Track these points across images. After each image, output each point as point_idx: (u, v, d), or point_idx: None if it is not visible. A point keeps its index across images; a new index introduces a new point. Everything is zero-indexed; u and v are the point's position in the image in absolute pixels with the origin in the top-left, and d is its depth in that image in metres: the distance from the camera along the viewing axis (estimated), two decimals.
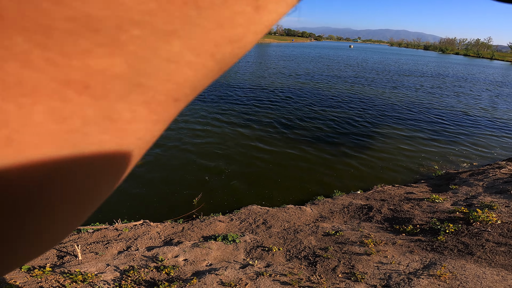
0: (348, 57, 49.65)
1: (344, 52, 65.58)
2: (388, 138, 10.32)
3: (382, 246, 3.92)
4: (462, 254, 3.60)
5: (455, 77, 29.81)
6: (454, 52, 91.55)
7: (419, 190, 6.50)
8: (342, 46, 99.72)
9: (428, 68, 38.96)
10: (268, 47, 64.47)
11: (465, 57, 71.82)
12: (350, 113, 13.35)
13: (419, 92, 19.83)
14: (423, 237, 4.18)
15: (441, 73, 33.29)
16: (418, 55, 70.01)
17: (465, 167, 8.25)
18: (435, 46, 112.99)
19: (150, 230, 4.83)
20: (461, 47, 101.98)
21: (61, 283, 3.13)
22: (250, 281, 3.23)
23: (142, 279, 3.29)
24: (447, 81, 26.17)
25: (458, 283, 2.98)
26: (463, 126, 12.23)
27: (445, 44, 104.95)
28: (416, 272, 3.24)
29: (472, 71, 38.25)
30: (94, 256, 3.92)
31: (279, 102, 14.85)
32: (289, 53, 51.14)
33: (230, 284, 3.15)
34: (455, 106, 16.08)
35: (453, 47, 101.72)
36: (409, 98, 17.41)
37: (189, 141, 9.42)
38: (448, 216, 4.80)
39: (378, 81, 23.46)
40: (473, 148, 9.72)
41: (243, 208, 5.85)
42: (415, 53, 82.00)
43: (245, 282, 3.20)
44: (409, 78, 26.84)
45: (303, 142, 9.64)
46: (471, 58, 68.97)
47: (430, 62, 50.10)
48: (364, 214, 5.35)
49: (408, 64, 41.85)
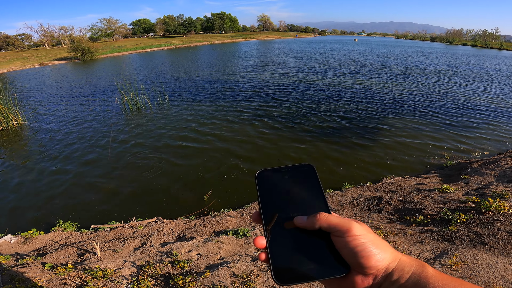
0: (354, 51, 49.12)
1: (350, 46, 64.85)
2: (397, 130, 10.24)
3: (393, 236, 3.94)
4: (474, 243, 3.59)
5: (465, 67, 29.22)
6: (462, 43, 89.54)
7: (430, 181, 6.46)
8: (346, 40, 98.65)
9: (436, 59, 38.25)
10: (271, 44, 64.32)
11: (473, 48, 70.08)
12: (358, 105, 13.28)
13: (427, 82, 19.53)
14: (434, 227, 4.17)
15: (450, 63, 32.65)
16: (424, 47, 68.74)
17: (477, 157, 8.14)
18: (441, 37, 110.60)
19: (164, 226, 4.96)
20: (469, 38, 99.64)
21: (83, 279, 3.26)
22: (261, 272, 3.30)
23: (158, 274, 3.40)
24: (457, 71, 25.65)
25: (470, 272, 2.98)
26: (474, 116, 12.03)
27: (452, 35, 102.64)
28: (427, 261, 3.25)
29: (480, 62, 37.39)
30: (112, 253, 4.06)
31: (286, 97, 14.87)
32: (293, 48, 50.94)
33: (242, 275, 3.24)
34: (466, 96, 15.79)
35: (460, 38, 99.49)
36: (418, 89, 17.18)
37: (198, 138, 9.57)
38: (459, 206, 4.77)
39: (386, 73, 23.19)
40: (484, 138, 9.57)
41: (253, 203, 5.94)
42: (421, 44, 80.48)
43: (256, 273, 3.28)
44: (417, 69, 26.45)
45: (311, 136, 9.67)
46: (479, 49, 67.27)
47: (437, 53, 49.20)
48: (374, 205, 5.36)
49: (415, 57, 41.17)
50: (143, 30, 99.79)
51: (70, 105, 15.23)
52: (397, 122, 11.17)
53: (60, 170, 7.93)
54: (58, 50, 57.79)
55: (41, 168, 8.04)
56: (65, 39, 71.80)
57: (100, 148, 9.26)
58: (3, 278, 3.28)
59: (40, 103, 16.10)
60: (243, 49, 54.30)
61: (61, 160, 8.51)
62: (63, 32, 74.68)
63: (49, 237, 4.89)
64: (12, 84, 23.65)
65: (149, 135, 10.24)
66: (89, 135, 10.45)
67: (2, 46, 65.89)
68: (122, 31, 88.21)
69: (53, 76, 27.16)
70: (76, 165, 8.16)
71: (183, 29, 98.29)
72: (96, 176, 7.50)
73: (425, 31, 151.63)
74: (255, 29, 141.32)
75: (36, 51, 58.70)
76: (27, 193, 6.86)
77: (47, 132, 11.00)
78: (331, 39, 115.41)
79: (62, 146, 9.57)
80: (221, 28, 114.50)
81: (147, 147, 9.21)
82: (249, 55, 41.48)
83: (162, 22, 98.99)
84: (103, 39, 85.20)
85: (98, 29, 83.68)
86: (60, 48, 63.92)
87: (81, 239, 4.75)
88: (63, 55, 47.37)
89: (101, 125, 11.57)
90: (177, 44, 67.80)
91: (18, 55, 51.49)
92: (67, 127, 11.47)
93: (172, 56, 44.16)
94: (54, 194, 6.74)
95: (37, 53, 52.73)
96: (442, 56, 43.03)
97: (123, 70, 28.29)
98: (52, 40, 73.55)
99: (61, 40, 73.09)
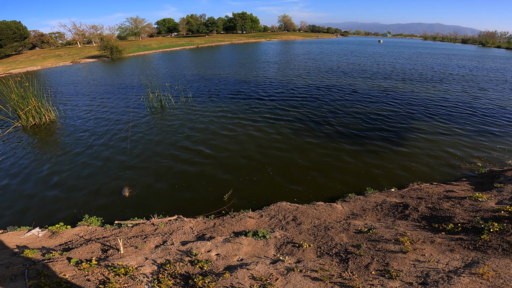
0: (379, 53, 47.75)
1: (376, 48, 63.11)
2: (425, 134, 9.81)
3: (419, 244, 3.76)
4: (507, 253, 3.36)
5: (499, 70, 27.64)
6: (496, 46, 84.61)
7: (460, 189, 6.12)
8: (370, 41, 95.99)
9: (468, 61, 36.46)
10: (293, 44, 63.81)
11: (508, 50, 66.13)
12: (385, 108, 12.87)
13: (459, 86, 18.62)
14: (465, 236, 3.94)
15: (484, 66, 30.99)
16: (455, 49, 65.66)
17: (510, 165, 7.63)
18: (474, 39, 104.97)
19: (184, 225, 5.01)
20: (503, 40, 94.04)
21: (106, 276, 3.33)
22: (280, 276, 3.24)
23: (177, 273, 3.42)
24: (491, 75, 24.31)
25: (501, 281, 2.79)
26: (508, 122, 11.31)
27: (485, 37, 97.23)
28: (456, 270, 3.07)
29: None
30: (134, 250, 4.14)
31: (308, 99, 14.69)
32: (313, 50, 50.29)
33: (261, 278, 3.19)
34: (500, 101, 14.90)
35: (494, 40, 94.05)
36: (448, 93, 16.42)
37: (221, 138, 9.63)
38: (492, 215, 4.48)
39: (415, 75, 22.34)
40: None
41: (273, 204, 5.88)
42: (452, 46, 76.88)
43: (276, 277, 3.23)
44: (448, 72, 25.31)
45: (333, 139, 9.46)
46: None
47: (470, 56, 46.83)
48: (399, 212, 5.15)
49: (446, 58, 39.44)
50: (167, 30, 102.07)
51: (99, 101, 15.83)
52: (425, 126, 10.70)
53: (86, 164, 8.24)
54: (89, 48, 60.33)
55: (70, 161, 8.39)
56: (95, 37, 74.73)
57: (123, 142, 9.54)
58: (29, 273, 3.40)
59: (71, 99, 16.84)
60: (264, 50, 54.24)
61: (87, 155, 8.84)
62: (93, 30, 77.80)
63: (75, 231, 5.06)
64: (45, 81, 24.92)
65: (171, 132, 10.43)
66: (114, 131, 10.80)
67: (37, 44, 69.06)
68: (147, 30, 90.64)
69: (84, 74, 28.36)
70: (101, 160, 8.44)
71: (205, 29, 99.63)
72: (121, 171, 7.72)
73: (456, 33, 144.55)
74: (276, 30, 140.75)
75: (69, 49, 61.59)
76: (55, 186, 7.17)
77: (77, 128, 11.47)
78: (354, 40, 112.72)
79: (90, 141, 9.95)
80: (243, 28, 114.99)
81: (168, 144, 9.38)
82: (269, 56, 41.37)
83: (185, 22, 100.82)
84: (130, 38, 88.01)
85: (126, 28, 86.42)
86: (90, 46, 66.65)
87: (105, 234, 4.88)
88: (93, 53, 49.42)
89: (125, 122, 11.92)
90: (199, 44, 68.85)
91: (52, 52, 54.22)
92: (95, 123, 11.91)
93: (195, 55, 44.86)
94: (82, 188, 7.00)
95: (70, 51, 55.33)
96: (475, 58, 40.92)
97: (149, 68, 29.07)
98: (83, 39, 76.77)
99: (91, 38, 76.16)
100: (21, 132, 11.20)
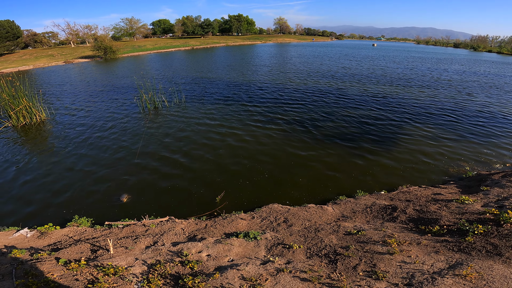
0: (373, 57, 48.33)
1: (369, 51, 63.82)
2: (414, 138, 9.99)
3: (406, 246, 3.84)
4: (491, 255, 3.46)
5: (489, 75, 28.21)
6: (487, 50, 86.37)
7: (448, 191, 6.26)
8: (364, 45, 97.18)
9: (456, 66, 37.13)
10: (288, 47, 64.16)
11: (499, 55, 67.61)
12: (374, 112, 13.05)
13: (448, 90, 18.97)
14: (450, 238, 4.04)
15: (474, 71, 31.59)
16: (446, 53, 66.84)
17: (498, 168, 7.82)
18: (466, 43, 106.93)
19: (175, 226, 5.03)
20: (494, 45, 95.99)
21: (95, 275, 3.32)
22: (270, 276, 3.29)
23: (168, 273, 3.44)
24: (480, 80, 24.81)
25: (484, 283, 2.88)
26: (496, 126, 11.58)
27: (477, 41, 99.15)
28: (440, 271, 3.15)
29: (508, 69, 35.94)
30: (124, 250, 4.14)
31: (300, 102, 14.81)
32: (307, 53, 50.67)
33: (251, 279, 3.23)
34: (487, 106, 15.23)
35: (486, 44, 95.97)
36: (437, 98, 16.71)
37: (213, 140, 9.65)
38: (477, 218, 4.60)
39: (403, 79, 22.69)
40: (506, 149, 9.19)
41: (264, 206, 5.93)
42: (444, 51, 78.27)
43: (266, 277, 3.27)
44: (437, 75, 25.74)
45: (324, 142, 9.56)
46: (505, 56, 64.86)
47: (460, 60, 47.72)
48: (388, 214, 5.24)
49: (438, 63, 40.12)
50: (162, 31, 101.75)
51: (91, 102, 15.71)
52: (415, 130, 10.89)
53: (76, 165, 8.17)
54: (83, 48, 59.75)
55: (59, 162, 8.32)
56: (89, 37, 74.03)
57: (115, 145, 9.50)
58: (17, 273, 3.38)
59: (62, 99, 16.68)
60: (259, 52, 54.42)
61: (78, 157, 8.77)
62: (87, 30, 77.05)
63: (64, 232, 5.03)
64: (37, 81, 24.62)
65: (165, 134, 10.42)
66: (108, 133, 10.74)
67: (29, 44, 68.15)
68: (142, 31, 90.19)
69: (76, 74, 28.09)
70: (91, 161, 8.39)
71: (201, 30, 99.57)
72: (113, 172, 7.69)
73: (448, 37, 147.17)
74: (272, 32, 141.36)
75: (62, 49, 60.89)
76: (43, 187, 7.10)
77: (67, 128, 11.37)
78: (348, 43, 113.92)
79: (80, 142, 9.87)
80: (238, 30, 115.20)
81: (161, 146, 9.37)
82: (264, 58, 41.53)
83: (181, 23, 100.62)
84: (124, 38, 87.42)
85: (121, 28, 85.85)
86: (84, 46, 65.99)
87: (95, 235, 4.86)
88: (87, 53, 48.96)
89: (120, 122, 11.87)
90: (194, 45, 68.75)
91: (44, 52, 53.54)
92: (87, 124, 11.83)
93: (190, 56, 44.80)
94: (71, 189, 6.95)
95: (63, 51, 54.71)
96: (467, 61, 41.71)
97: (142, 69, 28.93)
98: (77, 39, 75.98)
99: (85, 38, 75.44)
100: (11, 132, 11.07)
